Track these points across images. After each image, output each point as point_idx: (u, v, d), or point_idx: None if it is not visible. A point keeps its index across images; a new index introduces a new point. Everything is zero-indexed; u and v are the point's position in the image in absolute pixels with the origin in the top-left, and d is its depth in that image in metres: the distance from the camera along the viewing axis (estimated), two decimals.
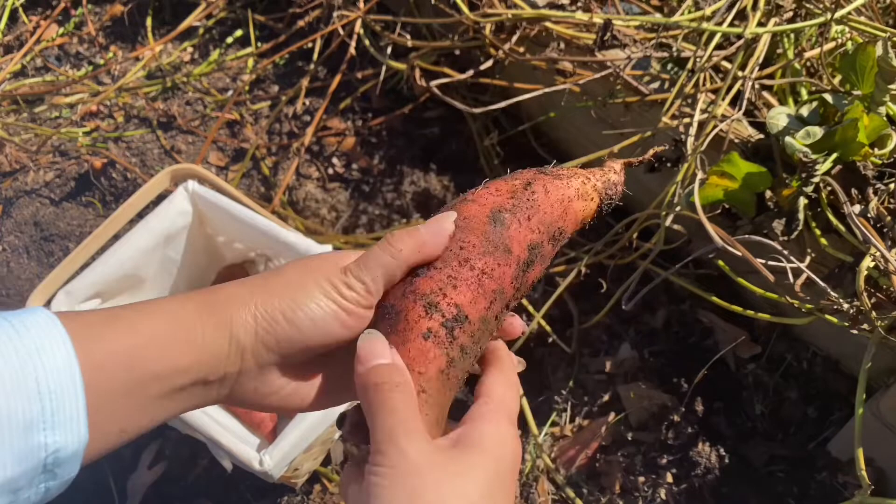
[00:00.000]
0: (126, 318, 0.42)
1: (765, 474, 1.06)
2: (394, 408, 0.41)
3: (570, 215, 0.52)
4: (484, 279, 0.47)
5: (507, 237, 0.48)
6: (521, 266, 0.49)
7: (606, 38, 1.10)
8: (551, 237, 0.51)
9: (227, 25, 1.63)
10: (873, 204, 0.93)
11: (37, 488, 0.39)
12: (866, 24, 1.03)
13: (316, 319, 0.44)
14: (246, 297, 0.44)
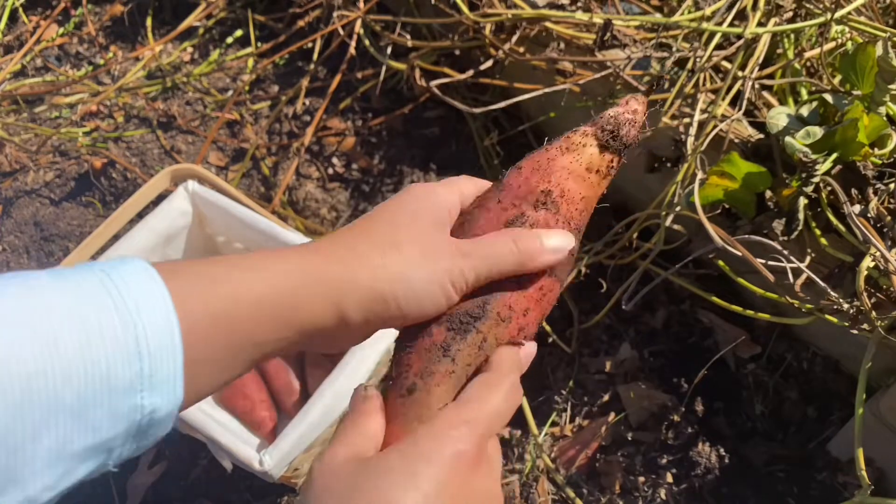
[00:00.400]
0: (229, 281, 0.40)
1: (765, 474, 1.06)
2: (357, 419, 0.44)
3: (555, 172, 0.49)
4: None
5: (478, 229, 0.48)
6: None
7: (606, 38, 1.10)
8: (538, 203, 0.48)
9: (227, 25, 1.63)
10: (873, 204, 0.93)
11: (129, 447, 0.38)
12: (866, 24, 1.03)
13: (424, 306, 0.44)
14: (361, 277, 0.43)
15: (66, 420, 0.34)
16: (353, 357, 0.98)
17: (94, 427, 0.35)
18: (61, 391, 0.33)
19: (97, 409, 0.35)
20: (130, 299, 0.36)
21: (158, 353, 0.36)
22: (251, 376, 1.12)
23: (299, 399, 1.10)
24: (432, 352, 0.45)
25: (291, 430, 0.93)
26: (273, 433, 1.08)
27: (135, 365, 0.35)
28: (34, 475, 0.34)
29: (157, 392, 0.37)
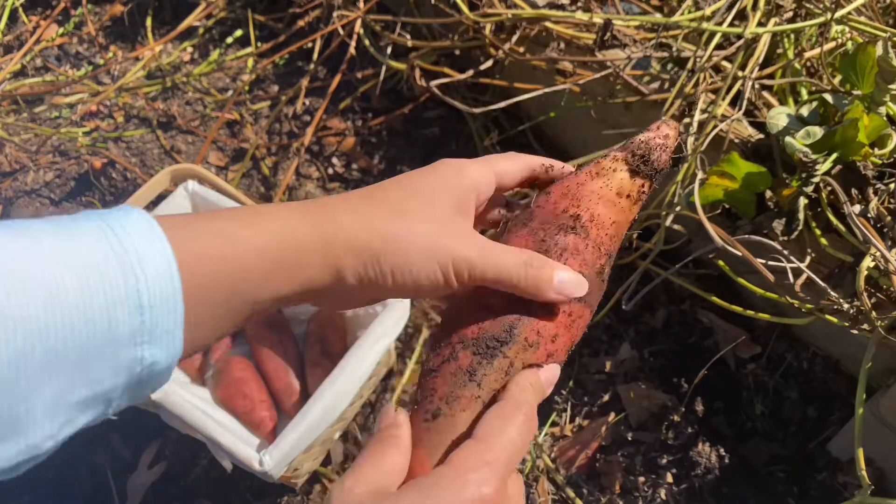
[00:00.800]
0: (230, 235, 0.40)
1: (765, 474, 1.06)
2: (380, 453, 0.42)
3: (584, 197, 0.49)
4: (487, 301, 0.47)
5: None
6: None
7: (606, 38, 1.10)
8: (566, 228, 0.48)
9: (227, 25, 1.63)
10: (873, 204, 0.93)
11: (127, 398, 0.38)
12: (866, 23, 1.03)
13: (418, 279, 0.44)
14: (362, 242, 0.43)
15: (68, 371, 0.34)
16: (353, 357, 0.98)
17: (95, 378, 0.35)
18: (63, 343, 0.33)
19: (98, 360, 0.35)
20: (132, 250, 0.35)
21: (160, 305, 0.36)
22: (251, 376, 1.12)
23: (299, 399, 1.10)
24: (458, 376, 0.45)
25: (291, 430, 0.94)
26: (273, 433, 1.08)
27: (136, 317, 0.35)
28: (36, 424, 0.34)
29: (158, 345, 0.36)
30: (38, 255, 0.33)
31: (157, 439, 1.16)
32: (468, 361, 0.45)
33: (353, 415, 1.15)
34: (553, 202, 0.49)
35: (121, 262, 0.35)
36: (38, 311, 0.32)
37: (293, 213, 0.43)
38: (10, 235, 0.34)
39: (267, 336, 1.16)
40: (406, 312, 1.03)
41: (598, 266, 0.49)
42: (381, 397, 1.19)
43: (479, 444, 0.41)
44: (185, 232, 0.38)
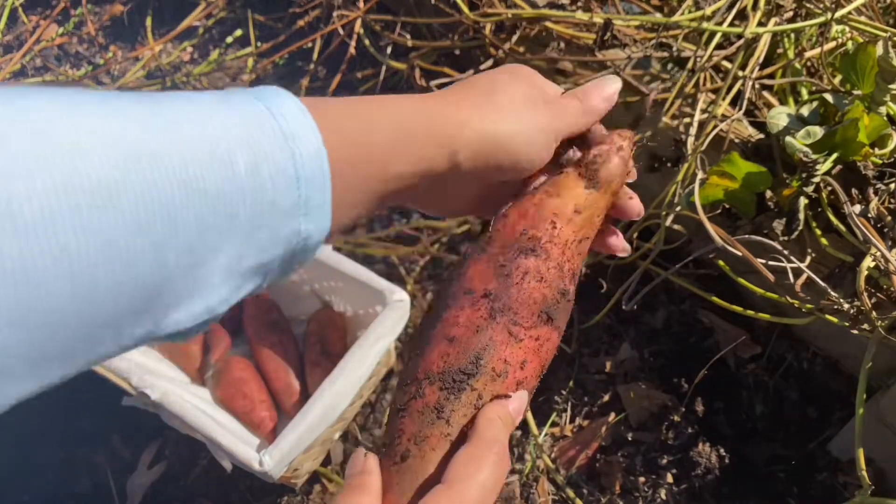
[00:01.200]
0: (366, 117, 0.42)
1: (765, 474, 1.06)
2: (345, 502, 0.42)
3: (542, 218, 0.49)
4: (450, 332, 0.46)
5: (466, 280, 0.47)
6: (496, 298, 0.46)
7: (606, 37, 1.10)
8: (526, 250, 0.48)
9: (227, 25, 1.63)
10: (874, 204, 0.93)
11: (279, 272, 0.40)
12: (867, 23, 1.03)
13: (527, 155, 0.47)
14: (476, 121, 0.45)
15: (240, 238, 0.36)
16: (353, 357, 0.98)
17: (261, 247, 0.37)
18: (236, 210, 0.35)
19: (264, 229, 0.37)
20: (287, 127, 0.37)
21: (313, 179, 0.38)
22: (251, 376, 1.12)
23: (299, 399, 1.10)
24: (425, 414, 0.43)
25: (291, 430, 0.93)
26: (273, 433, 1.08)
27: (294, 191, 0.37)
28: (214, 287, 0.36)
29: (312, 219, 0.38)
30: (214, 126, 0.35)
31: (157, 439, 1.16)
32: (435, 398, 0.43)
33: (353, 415, 1.15)
34: (511, 225, 0.48)
35: (281, 136, 0.37)
36: (216, 180, 0.34)
37: (411, 99, 0.45)
38: (180, 105, 0.35)
39: (267, 336, 1.16)
40: (406, 312, 1.03)
41: (561, 286, 0.48)
42: (381, 397, 1.19)
43: (450, 489, 0.40)
44: (324, 111, 0.40)
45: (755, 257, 0.90)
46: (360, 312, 1.16)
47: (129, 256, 0.32)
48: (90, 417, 1.19)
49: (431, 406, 0.43)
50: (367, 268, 1.09)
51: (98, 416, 1.19)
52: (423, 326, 0.47)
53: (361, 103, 0.43)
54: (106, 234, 0.31)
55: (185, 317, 0.36)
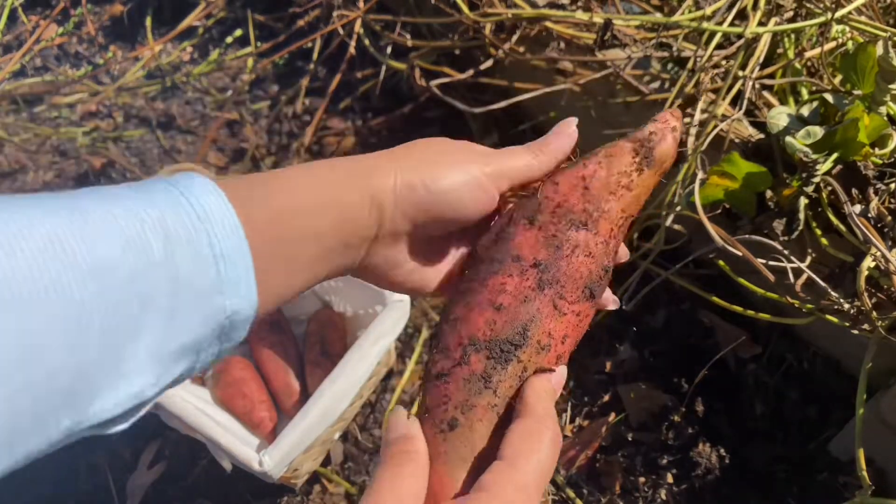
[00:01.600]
0: (280, 182, 0.43)
1: (765, 475, 1.06)
2: (398, 475, 0.40)
3: (598, 191, 0.47)
4: (497, 299, 0.45)
5: (513, 246, 0.46)
6: (545, 269, 0.45)
7: (607, 37, 1.10)
8: (578, 223, 0.47)
9: (227, 25, 1.63)
10: (874, 204, 0.93)
11: (214, 350, 0.40)
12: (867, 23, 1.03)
13: (453, 189, 0.45)
14: (388, 166, 0.45)
15: (160, 321, 0.37)
16: (353, 357, 0.98)
17: (185, 328, 0.38)
18: (155, 293, 0.36)
19: (187, 309, 0.37)
20: (199, 207, 0.38)
21: (231, 257, 0.39)
22: (251, 376, 1.12)
23: (299, 399, 1.10)
24: (472, 382, 0.42)
25: (291, 430, 0.93)
26: (273, 433, 1.08)
27: (212, 269, 0.38)
28: (138, 373, 0.36)
29: (235, 293, 0.39)
30: (126, 216, 0.36)
31: (157, 439, 1.16)
32: (481, 366, 0.43)
33: (352, 415, 1.15)
34: (563, 194, 0.47)
35: (192, 218, 0.38)
36: (132, 265, 0.35)
37: (332, 162, 0.45)
38: (95, 199, 0.37)
39: (267, 336, 1.16)
40: (406, 312, 1.03)
41: (605, 263, 0.47)
42: (381, 397, 1.19)
43: (511, 467, 0.39)
44: (237, 186, 0.41)
45: (755, 257, 0.90)
46: (359, 312, 1.16)
47: (42, 351, 0.32)
48: None
49: (479, 375, 0.43)
50: None
51: None
52: (464, 285, 0.47)
53: (283, 177, 0.43)
54: (17, 332, 0.32)
55: (110, 405, 0.36)
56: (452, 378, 0.43)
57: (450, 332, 0.45)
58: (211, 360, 0.41)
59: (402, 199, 0.45)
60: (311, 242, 0.43)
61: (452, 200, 0.45)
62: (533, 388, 0.43)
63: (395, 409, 0.44)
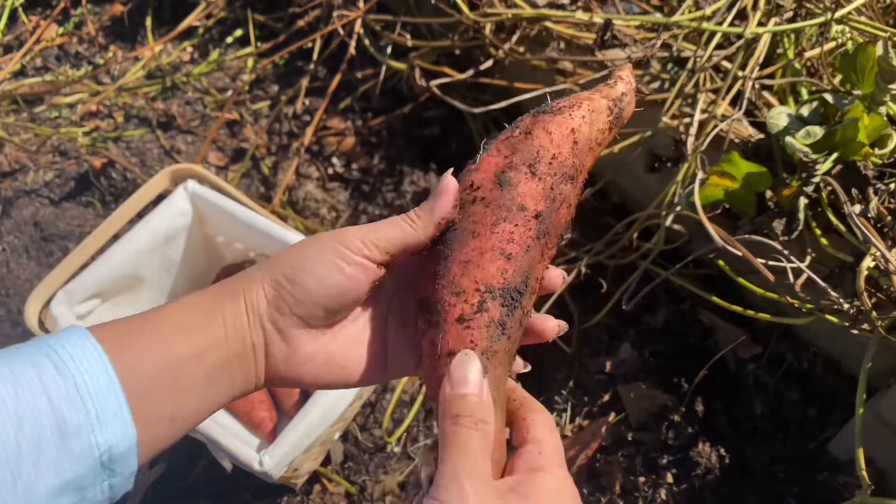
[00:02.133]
0: (149, 317, 0.45)
1: (765, 474, 1.06)
2: (467, 448, 0.42)
3: (583, 147, 0.49)
4: (506, 248, 0.46)
5: (518, 196, 0.47)
6: (543, 220, 0.47)
7: (607, 37, 1.10)
8: (568, 177, 0.49)
9: (227, 25, 1.63)
10: (874, 204, 0.93)
11: (101, 486, 0.42)
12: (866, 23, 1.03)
13: (318, 274, 0.46)
14: (254, 272, 0.47)
15: (29, 467, 0.38)
16: None
17: (56, 469, 0.39)
18: (17, 443, 0.38)
19: (54, 452, 0.39)
20: (66, 354, 0.40)
21: (98, 393, 0.40)
22: None
23: (299, 399, 1.10)
24: (491, 329, 0.45)
25: (291, 430, 0.93)
26: (273, 433, 1.08)
27: (80, 410, 0.40)
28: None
29: (108, 429, 0.40)
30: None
31: None
32: (498, 314, 0.45)
33: (352, 415, 1.15)
34: (557, 146, 0.49)
35: (57, 366, 0.40)
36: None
37: (203, 290, 0.47)
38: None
39: None
40: None
41: (573, 213, 0.50)
42: (382, 397, 1.19)
43: (553, 452, 0.48)
44: (110, 328, 0.43)
45: (755, 257, 0.90)
46: None
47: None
48: None
49: (496, 322, 0.45)
50: None
51: None
52: (469, 222, 0.47)
53: (159, 310, 0.45)
54: None
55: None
56: (474, 324, 0.45)
57: (462, 273, 0.46)
58: (107, 494, 0.42)
59: (274, 298, 0.46)
60: (192, 363, 0.44)
61: (313, 284, 0.46)
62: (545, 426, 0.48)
63: (465, 353, 0.44)
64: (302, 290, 0.46)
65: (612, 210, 1.31)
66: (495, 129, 1.38)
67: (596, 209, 1.30)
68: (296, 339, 0.47)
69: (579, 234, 1.27)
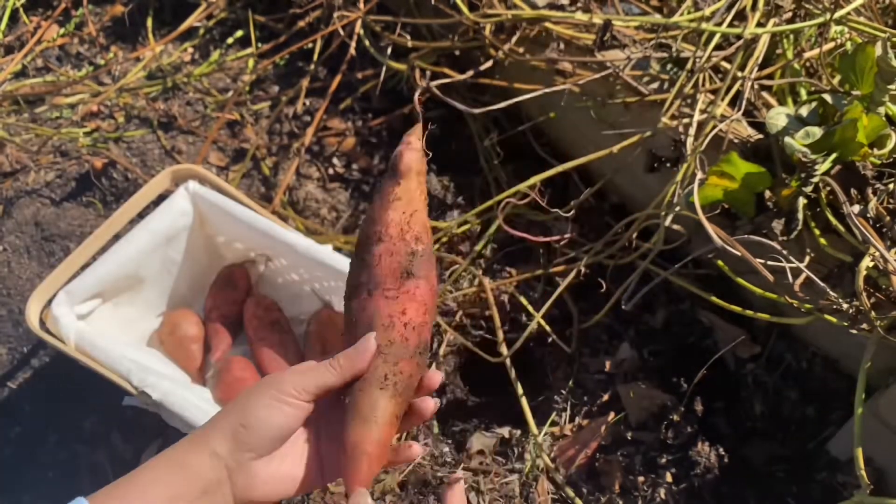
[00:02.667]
0: (132, 480, 0.58)
1: (764, 474, 1.06)
2: None
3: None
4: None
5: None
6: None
7: (606, 38, 1.11)
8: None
9: (228, 26, 1.63)
10: (872, 204, 0.93)
11: None
12: (865, 24, 1.03)
13: (264, 416, 0.57)
14: (215, 422, 0.58)
15: None
16: None
17: None
18: None
19: None
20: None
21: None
22: (251, 376, 1.12)
23: None
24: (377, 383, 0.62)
25: None
26: None
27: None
28: None
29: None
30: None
31: (158, 438, 1.16)
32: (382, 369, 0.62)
33: None
34: (363, 230, 0.63)
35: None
36: None
37: (184, 441, 0.59)
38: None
39: (267, 336, 1.16)
40: None
41: (409, 250, 0.62)
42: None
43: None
44: (104, 494, 0.57)
45: (755, 257, 0.91)
46: None
47: None
48: (91, 416, 1.20)
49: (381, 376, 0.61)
50: None
51: (99, 414, 1.20)
52: (354, 305, 0.63)
53: (137, 473, 0.58)
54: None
55: None
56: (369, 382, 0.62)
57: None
58: None
59: (232, 440, 0.57)
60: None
61: (262, 424, 0.57)
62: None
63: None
64: (253, 431, 0.57)
65: (612, 210, 1.31)
66: (495, 130, 1.38)
67: (595, 209, 1.31)
68: (252, 468, 0.57)
69: (578, 234, 1.27)
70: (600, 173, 1.24)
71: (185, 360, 1.16)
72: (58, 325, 1.01)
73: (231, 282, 1.21)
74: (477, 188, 1.37)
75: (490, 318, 1.21)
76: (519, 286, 1.23)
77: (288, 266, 1.20)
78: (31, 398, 1.23)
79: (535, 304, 1.20)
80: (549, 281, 1.24)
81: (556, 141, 1.39)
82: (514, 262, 1.27)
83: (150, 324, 1.18)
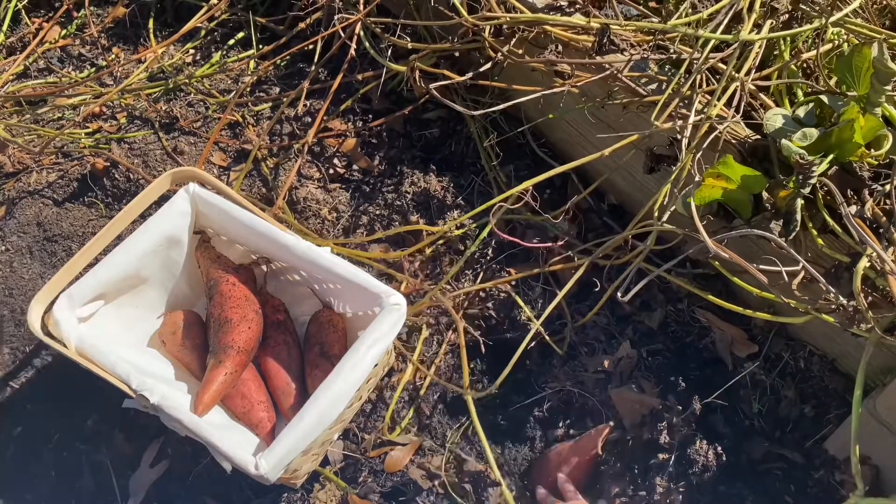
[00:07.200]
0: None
1: (762, 473, 1.07)
2: None
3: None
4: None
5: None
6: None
7: (604, 43, 1.11)
8: None
9: (229, 28, 1.64)
10: (869, 205, 0.93)
11: None
12: (862, 25, 1.04)
13: None
14: None
15: None
16: (349, 361, 0.98)
17: None
18: None
19: None
20: None
21: None
22: (251, 377, 1.13)
23: (296, 401, 1.11)
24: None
25: (287, 434, 0.93)
26: (272, 434, 1.09)
27: None
28: None
29: None
30: None
31: (159, 438, 1.17)
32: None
33: (351, 416, 1.16)
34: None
35: None
36: None
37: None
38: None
39: (271, 336, 1.17)
40: (402, 315, 1.03)
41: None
42: (382, 396, 1.19)
43: None
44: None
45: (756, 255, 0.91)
46: (359, 314, 1.17)
47: None
48: (93, 416, 1.20)
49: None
50: (367, 268, 1.09)
51: (101, 414, 1.20)
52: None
53: None
54: None
55: None
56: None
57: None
58: None
59: None
60: None
61: None
62: None
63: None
64: None
65: (610, 211, 1.31)
66: (494, 131, 1.39)
67: (593, 210, 1.31)
68: None
69: (577, 236, 1.28)
70: (599, 174, 1.25)
71: (187, 360, 1.17)
72: (59, 328, 1.01)
73: None
74: (476, 189, 1.38)
75: (489, 317, 1.22)
76: (517, 286, 1.24)
77: (288, 267, 1.21)
78: (33, 397, 1.24)
79: (534, 304, 1.20)
80: (547, 281, 1.25)
81: (555, 142, 1.39)
82: (514, 262, 1.28)
83: (151, 324, 1.19)
